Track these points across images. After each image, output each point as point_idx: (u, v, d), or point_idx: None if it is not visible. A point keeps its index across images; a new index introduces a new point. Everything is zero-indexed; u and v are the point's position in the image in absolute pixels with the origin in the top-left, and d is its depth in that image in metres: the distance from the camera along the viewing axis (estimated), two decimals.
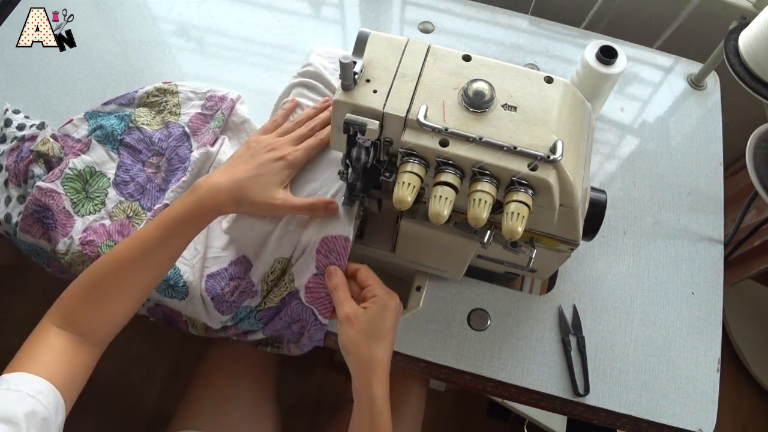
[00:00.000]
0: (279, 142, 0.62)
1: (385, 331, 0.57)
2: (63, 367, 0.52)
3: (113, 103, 0.78)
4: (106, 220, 0.70)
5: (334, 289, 0.59)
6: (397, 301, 0.59)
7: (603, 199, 0.60)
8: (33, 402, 0.46)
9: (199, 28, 0.90)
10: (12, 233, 0.73)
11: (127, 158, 0.74)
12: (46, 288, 1.31)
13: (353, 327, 0.56)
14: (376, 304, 0.57)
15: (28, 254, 0.76)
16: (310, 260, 0.63)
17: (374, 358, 0.55)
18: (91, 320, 0.55)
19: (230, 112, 0.77)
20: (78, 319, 0.55)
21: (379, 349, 0.56)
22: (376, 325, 0.56)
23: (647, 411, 0.66)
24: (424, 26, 0.91)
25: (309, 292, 0.63)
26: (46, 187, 0.69)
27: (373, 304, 0.57)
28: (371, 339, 0.56)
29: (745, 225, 0.82)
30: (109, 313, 0.57)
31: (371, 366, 0.55)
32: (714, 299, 0.73)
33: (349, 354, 0.56)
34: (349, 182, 0.59)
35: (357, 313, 0.57)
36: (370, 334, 0.56)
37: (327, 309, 0.63)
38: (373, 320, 0.56)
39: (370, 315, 0.57)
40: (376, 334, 0.56)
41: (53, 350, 0.53)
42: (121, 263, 0.56)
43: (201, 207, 0.57)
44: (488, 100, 0.50)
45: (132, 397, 1.28)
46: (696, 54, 0.91)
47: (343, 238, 0.62)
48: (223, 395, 0.80)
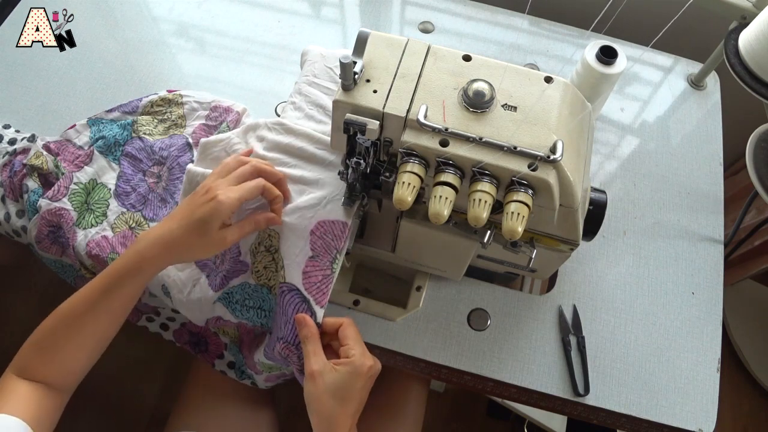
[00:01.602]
0: (217, 183, 0.58)
1: (352, 394, 0.55)
2: (31, 408, 0.52)
3: (117, 111, 0.78)
4: (108, 232, 0.70)
5: (305, 340, 0.57)
6: (372, 365, 0.56)
7: (603, 199, 0.60)
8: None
9: (199, 28, 0.90)
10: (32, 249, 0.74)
11: (128, 168, 0.74)
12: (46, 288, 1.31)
13: (317, 385, 0.54)
14: (348, 366, 0.55)
15: (57, 273, 0.77)
16: (303, 243, 0.61)
17: (334, 417, 0.54)
18: (49, 369, 0.56)
19: (235, 125, 0.76)
20: (35, 369, 0.56)
21: (341, 411, 0.54)
22: (342, 387, 0.54)
23: (647, 411, 0.66)
24: (424, 26, 0.91)
25: (306, 278, 0.61)
26: (54, 207, 0.69)
27: (345, 366, 0.55)
28: (333, 399, 0.54)
29: (745, 225, 0.82)
30: (65, 362, 0.57)
31: (331, 425, 0.54)
32: (714, 299, 0.73)
33: (311, 409, 0.55)
34: (349, 182, 0.58)
35: (323, 371, 0.55)
36: (333, 394, 0.54)
37: (323, 296, 0.61)
38: (339, 382, 0.54)
39: (338, 377, 0.54)
40: (341, 394, 0.54)
41: (18, 394, 0.53)
42: (69, 315, 0.56)
43: (141, 260, 0.56)
44: (488, 100, 0.50)
45: (130, 397, 1.28)
46: (696, 54, 0.91)
47: (341, 223, 0.61)
48: (219, 395, 0.80)
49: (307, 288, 0.60)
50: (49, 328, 0.57)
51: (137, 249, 0.56)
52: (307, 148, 0.65)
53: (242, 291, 0.65)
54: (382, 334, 0.69)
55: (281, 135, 0.66)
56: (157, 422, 0.83)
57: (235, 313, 0.65)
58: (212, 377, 0.82)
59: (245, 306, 0.64)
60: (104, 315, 0.57)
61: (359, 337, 0.58)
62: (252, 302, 0.64)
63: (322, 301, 0.60)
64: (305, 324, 0.58)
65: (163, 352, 1.32)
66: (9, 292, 1.36)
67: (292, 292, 0.60)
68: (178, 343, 0.77)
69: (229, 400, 0.80)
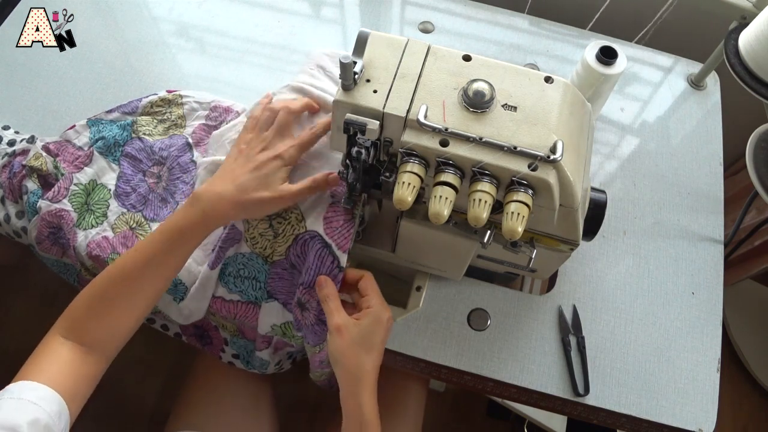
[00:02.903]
0: (269, 138, 0.61)
1: (375, 343, 0.57)
2: (68, 376, 0.52)
3: (116, 111, 0.78)
4: (109, 233, 0.70)
5: (325, 299, 0.59)
6: (390, 316, 0.59)
7: (603, 199, 0.60)
8: (36, 409, 0.47)
9: (199, 28, 0.90)
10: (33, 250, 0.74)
11: (128, 168, 0.74)
12: (46, 288, 1.32)
13: (343, 338, 0.56)
14: (369, 317, 0.57)
15: (58, 273, 0.77)
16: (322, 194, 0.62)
17: (362, 368, 0.55)
18: (97, 331, 0.56)
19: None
20: (83, 329, 0.55)
21: (367, 360, 0.56)
22: (366, 337, 0.56)
23: (647, 411, 0.66)
24: (424, 26, 0.91)
25: (328, 223, 0.61)
26: (55, 208, 0.69)
27: (366, 317, 0.57)
28: (360, 350, 0.56)
29: (745, 225, 0.82)
30: (115, 324, 0.57)
31: (359, 376, 0.55)
32: (714, 299, 0.73)
33: (338, 364, 0.56)
34: (349, 182, 0.59)
35: (348, 324, 0.56)
36: (360, 345, 0.56)
37: (345, 240, 0.61)
38: (363, 332, 0.56)
39: (361, 327, 0.57)
40: (366, 345, 0.56)
41: (58, 360, 0.53)
42: (125, 274, 0.56)
43: (205, 217, 0.57)
44: (488, 100, 0.50)
45: (130, 397, 1.28)
46: (696, 54, 0.91)
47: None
48: (219, 393, 0.80)
49: (328, 233, 0.61)
50: (102, 288, 0.56)
51: (200, 207, 0.57)
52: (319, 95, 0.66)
53: (235, 262, 0.65)
54: None
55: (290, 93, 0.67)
56: (157, 422, 0.83)
57: (228, 286, 0.65)
58: (213, 377, 0.82)
59: (239, 277, 0.65)
60: (161, 274, 0.57)
61: (378, 290, 0.60)
62: (246, 272, 0.65)
63: (345, 245, 0.61)
64: (325, 285, 0.59)
65: (163, 351, 1.32)
66: (9, 292, 1.36)
67: (314, 239, 0.61)
68: (184, 336, 0.77)
69: (229, 400, 0.80)
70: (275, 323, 0.67)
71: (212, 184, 0.59)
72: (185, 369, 0.86)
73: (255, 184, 0.58)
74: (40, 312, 1.31)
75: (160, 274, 0.57)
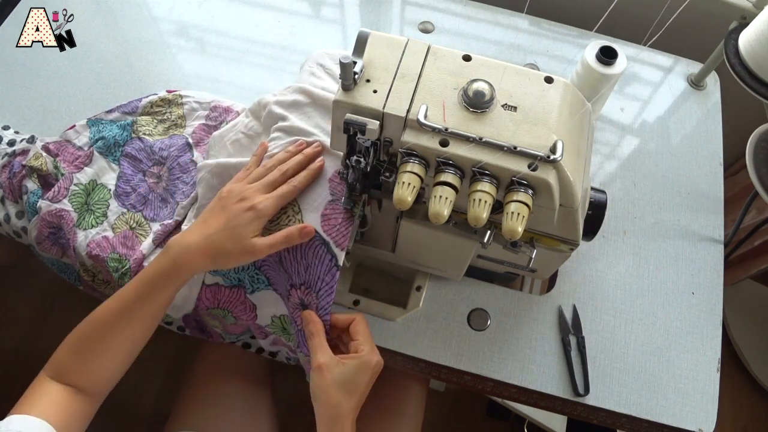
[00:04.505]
0: (249, 191, 0.60)
1: (358, 387, 0.56)
2: (58, 410, 0.53)
3: (116, 111, 0.78)
4: (109, 232, 0.70)
5: (310, 336, 0.58)
6: (379, 360, 0.58)
7: (603, 199, 0.60)
8: None
9: (199, 28, 0.90)
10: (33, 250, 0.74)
11: (128, 168, 0.74)
12: (46, 288, 1.32)
13: (324, 377, 0.55)
14: (356, 360, 0.56)
15: (59, 273, 0.77)
16: (322, 189, 0.61)
17: (340, 409, 0.55)
18: (83, 374, 0.57)
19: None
20: (69, 373, 0.56)
21: (347, 402, 0.55)
22: (348, 379, 0.56)
23: (647, 411, 0.66)
24: (424, 26, 0.91)
25: (326, 220, 0.60)
26: (55, 208, 0.69)
27: (352, 359, 0.56)
28: (340, 391, 0.55)
29: (745, 225, 0.82)
30: (99, 369, 0.58)
31: (336, 416, 0.55)
32: (714, 299, 0.73)
33: (317, 400, 0.56)
34: (349, 182, 0.59)
35: (330, 364, 0.56)
36: (340, 386, 0.55)
37: (344, 239, 0.60)
38: (346, 375, 0.56)
39: (345, 370, 0.56)
40: (347, 387, 0.56)
41: (48, 397, 0.54)
42: (104, 322, 0.57)
43: (175, 267, 0.57)
44: (488, 100, 0.50)
45: (130, 397, 1.28)
46: (696, 54, 0.91)
47: None
48: (218, 394, 0.80)
49: (326, 230, 0.60)
50: (83, 333, 0.57)
51: (171, 256, 0.57)
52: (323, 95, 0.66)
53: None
54: (382, 334, 0.69)
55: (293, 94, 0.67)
56: (157, 422, 0.83)
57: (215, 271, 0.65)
58: (212, 377, 0.82)
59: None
60: (138, 321, 0.58)
61: (369, 334, 0.60)
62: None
63: (343, 243, 0.60)
64: (311, 320, 0.59)
65: (162, 351, 1.32)
66: (9, 292, 1.36)
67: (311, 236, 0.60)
68: (188, 329, 0.76)
69: (229, 400, 0.80)
70: (275, 314, 0.67)
71: (185, 234, 0.59)
72: (185, 369, 0.86)
73: (224, 236, 0.57)
74: (40, 312, 1.31)
75: (137, 322, 0.58)
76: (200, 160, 0.73)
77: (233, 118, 0.76)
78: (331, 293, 0.60)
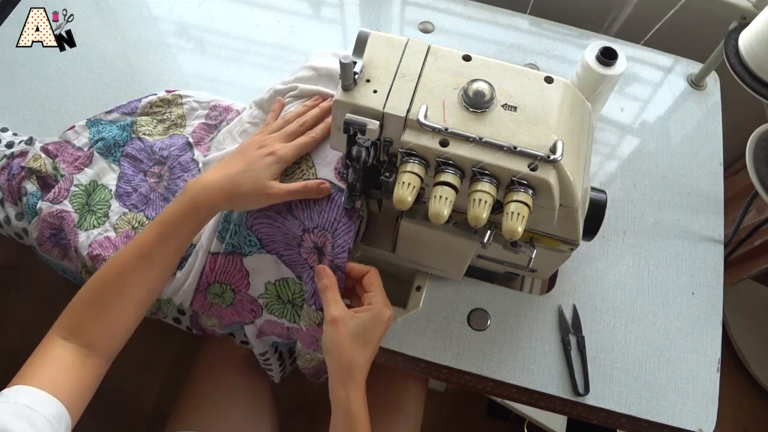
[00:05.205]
0: (269, 140, 0.62)
1: (371, 340, 0.57)
2: (67, 380, 0.52)
3: (116, 112, 0.78)
4: (111, 233, 0.70)
5: (324, 290, 0.59)
6: (391, 314, 0.59)
7: (603, 199, 0.60)
8: (32, 414, 0.46)
9: (199, 28, 0.90)
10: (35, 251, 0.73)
11: (128, 169, 0.74)
12: (46, 288, 1.31)
13: (339, 330, 0.55)
14: (369, 313, 0.57)
15: (63, 275, 0.77)
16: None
17: (354, 362, 0.55)
18: (97, 331, 0.55)
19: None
20: (83, 330, 0.55)
21: (361, 355, 0.56)
22: (362, 332, 0.56)
23: (647, 411, 0.66)
24: (424, 26, 0.91)
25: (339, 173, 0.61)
26: (55, 209, 0.69)
27: (367, 312, 0.57)
28: (354, 344, 0.55)
29: (745, 225, 0.82)
30: (114, 322, 0.57)
31: (350, 370, 0.55)
32: (714, 299, 0.73)
33: (329, 355, 0.56)
34: (349, 182, 0.59)
35: (345, 317, 0.56)
36: (354, 339, 0.55)
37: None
38: (360, 327, 0.56)
39: (359, 321, 0.56)
40: (361, 340, 0.56)
41: (58, 364, 0.53)
42: (121, 269, 0.56)
43: (194, 206, 0.57)
44: (488, 100, 0.50)
45: (130, 397, 1.28)
46: (696, 54, 0.91)
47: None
48: (219, 394, 0.80)
49: (341, 181, 0.61)
50: (98, 284, 0.56)
51: (188, 195, 0.58)
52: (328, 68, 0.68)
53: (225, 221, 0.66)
54: None
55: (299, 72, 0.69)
56: (157, 422, 0.83)
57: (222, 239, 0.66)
58: (213, 377, 0.82)
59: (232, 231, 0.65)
60: (157, 265, 0.57)
61: (382, 287, 0.60)
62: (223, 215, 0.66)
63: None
64: (324, 274, 0.59)
65: (163, 351, 1.32)
66: (9, 292, 1.36)
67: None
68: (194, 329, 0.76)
69: (229, 400, 0.80)
70: (269, 280, 0.66)
71: (204, 175, 0.60)
72: (185, 369, 0.86)
73: (244, 177, 0.58)
74: (40, 312, 1.30)
75: (155, 266, 0.57)
76: (201, 159, 0.73)
77: (233, 117, 0.76)
78: (349, 231, 0.61)
